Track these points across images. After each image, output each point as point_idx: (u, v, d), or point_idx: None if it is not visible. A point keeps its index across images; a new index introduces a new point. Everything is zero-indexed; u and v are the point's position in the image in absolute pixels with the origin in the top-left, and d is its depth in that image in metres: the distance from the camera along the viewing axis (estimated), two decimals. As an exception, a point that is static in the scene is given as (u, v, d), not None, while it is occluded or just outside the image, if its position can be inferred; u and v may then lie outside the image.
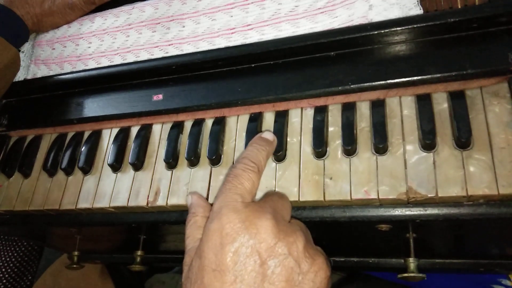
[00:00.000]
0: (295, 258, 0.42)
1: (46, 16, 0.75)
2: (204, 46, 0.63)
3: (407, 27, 0.51)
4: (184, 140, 0.60)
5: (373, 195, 0.48)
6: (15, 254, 1.09)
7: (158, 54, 0.66)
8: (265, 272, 0.41)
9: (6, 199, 0.68)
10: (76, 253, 0.80)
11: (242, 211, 0.43)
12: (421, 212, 0.47)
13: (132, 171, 0.61)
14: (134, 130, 0.65)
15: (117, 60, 0.69)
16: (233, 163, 0.56)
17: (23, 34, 0.73)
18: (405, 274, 0.56)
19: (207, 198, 0.55)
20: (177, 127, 0.62)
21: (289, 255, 0.41)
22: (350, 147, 0.50)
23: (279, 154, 0.53)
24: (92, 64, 0.71)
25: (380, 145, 0.49)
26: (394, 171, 0.48)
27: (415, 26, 0.51)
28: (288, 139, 0.55)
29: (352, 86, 0.53)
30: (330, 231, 0.61)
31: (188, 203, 0.50)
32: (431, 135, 0.48)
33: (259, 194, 0.52)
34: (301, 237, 0.43)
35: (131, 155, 0.61)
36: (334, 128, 0.53)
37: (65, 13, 0.75)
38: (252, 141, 0.52)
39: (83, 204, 0.62)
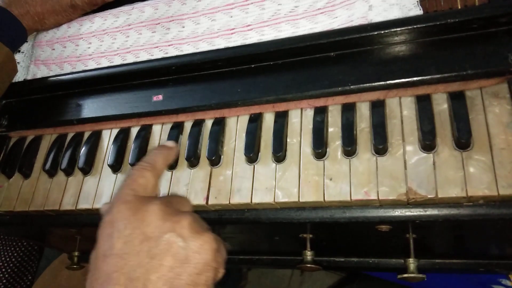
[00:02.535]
0: (180, 234, 0.44)
1: (49, 15, 0.74)
2: (203, 46, 0.63)
3: (407, 27, 0.51)
4: (184, 141, 0.60)
5: (373, 196, 0.48)
6: (15, 254, 1.09)
7: (157, 54, 0.66)
8: (152, 250, 0.43)
9: (6, 200, 0.68)
10: (76, 253, 0.80)
11: (132, 201, 0.46)
12: (421, 213, 0.47)
13: (132, 172, 0.61)
14: (134, 131, 0.65)
15: (117, 61, 0.69)
16: (233, 163, 0.56)
17: (20, 35, 0.73)
18: (405, 275, 0.56)
19: (207, 198, 0.55)
20: (177, 128, 0.62)
21: (173, 233, 0.44)
22: (350, 148, 0.50)
23: (279, 155, 0.53)
24: (91, 65, 0.71)
25: (380, 146, 0.49)
26: (394, 172, 0.48)
27: (415, 26, 0.51)
28: (288, 140, 0.55)
29: (352, 86, 0.53)
30: (330, 232, 0.61)
31: (103, 211, 0.52)
32: (431, 136, 0.48)
33: (259, 195, 0.53)
34: (187, 216, 0.45)
35: (131, 156, 0.61)
36: (334, 128, 0.53)
37: (68, 12, 0.75)
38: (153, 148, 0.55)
39: (83, 205, 0.62)
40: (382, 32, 0.52)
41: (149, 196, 0.48)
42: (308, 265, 0.60)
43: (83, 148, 0.66)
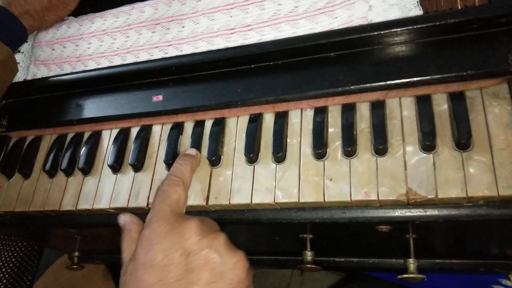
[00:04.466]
0: (216, 250, 0.47)
1: (48, 11, 0.74)
2: (203, 46, 0.63)
3: (407, 28, 0.51)
4: (184, 141, 0.60)
5: (373, 197, 0.48)
6: (15, 254, 1.09)
7: (157, 54, 0.66)
8: (190, 264, 0.46)
9: (6, 200, 0.68)
10: (76, 253, 0.80)
11: (170, 217, 0.49)
12: (421, 214, 0.47)
13: (132, 172, 0.61)
14: (134, 131, 0.65)
15: (117, 61, 0.69)
16: (233, 164, 0.56)
17: (20, 34, 0.73)
18: (405, 275, 0.56)
19: (207, 199, 0.55)
20: (177, 128, 0.62)
21: (211, 248, 0.47)
22: (350, 148, 0.50)
23: (279, 155, 0.53)
24: (91, 65, 0.71)
25: (380, 146, 0.49)
26: (394, 173, 0.48)
27: (415, 27, 0.51)
28: (288, 140, 0.55)
29: (352, 87, 0.53)
30: (331, 232, 0.61)
31: (121, 223, 0.55)
32: (431, 136, 0.48)
33: (259, 196, 0.53)
34: (222, 234, 0.49)
35: (131, 156, 0.61)
36: (334, 129, 0.53)
37: (65, 3, 0.75)
38: (177, 158, 0.56)
39: (83, 205, 0.62)
40: (382, 32, 0.52)
41: (184, 214, 0.51)
42: (308, 266, 0.60)
43: (83, 149, 0.66)
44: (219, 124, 0.59)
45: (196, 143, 0.59)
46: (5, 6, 0.71)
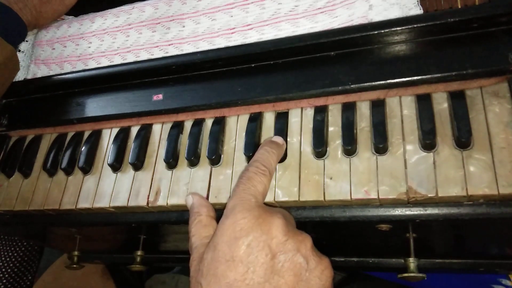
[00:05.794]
0: (304, 255, 0.43)
1: (45, 5, 0.74)
2: (204, 46, 0.63)
3: (407, 27, 0.51)
4: (184, 140, 0.60)
5: (373, 195, 0.48)
6: (15, 254, 1.09)
7: (158, 54, 0.66)
8: (275, 265, 0.43)
9: (6, 199, 0.68)
10: (76, 253, 0.80)
11: (255, 209, 0.45)
12: (421, 212, 0.47)
13: (132, 171, 0.61)
14: (134, 130, 0.65)
15: (117, 60, 0.69)
16: (233, 163, 0.56)
17: (20, 31, 0.73)
18: (405, 274, 0.56)
19: (207, 198, 0.55)
20: (177, 127, 0.62)
21: (297, 252, 0.43)
22: (350, 147, 0.50)
23: (279, 154, 0.53)
24: (92, 64, 0.71)
25: (380, 145, 0.49)
26: (394, 171, 0.48)
27: (415, 26, 0.51)
28: (288, 139, 0.55)
29: (352, 86, 0.53)
30: (330, 231, 0.61)
31: (189, 204, 0.51)
32: (431, 135, 0.48)
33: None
34: (309, 238, 0.45)
35: (131, 155, 0.61)
36: (334, 128, 0.53)
37: None
38: (263, 144, 0.53)
39: (83, 204, 0.62)
40: (382, 31, 0.52)
41: (269, 208, 0.47)
42: (308, 265, 0.60)
43: (83, 148, 0.66)
44: (219, 123, 0.59)
45: (196, 142, 0.59)
46: (4, 3, 0.71)
